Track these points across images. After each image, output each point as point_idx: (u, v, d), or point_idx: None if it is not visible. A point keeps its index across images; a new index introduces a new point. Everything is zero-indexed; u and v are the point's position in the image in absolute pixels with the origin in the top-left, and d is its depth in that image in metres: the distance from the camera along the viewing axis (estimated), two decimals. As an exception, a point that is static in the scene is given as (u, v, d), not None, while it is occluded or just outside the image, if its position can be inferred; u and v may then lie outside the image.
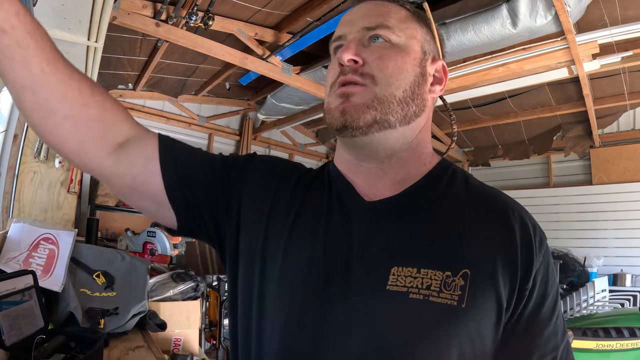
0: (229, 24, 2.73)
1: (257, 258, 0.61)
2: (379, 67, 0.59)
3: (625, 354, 2.41)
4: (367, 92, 0.59)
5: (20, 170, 2.19)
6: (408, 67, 0.61)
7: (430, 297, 0.52)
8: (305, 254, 0.59)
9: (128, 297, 1.95)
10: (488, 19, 2.25)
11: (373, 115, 0.58)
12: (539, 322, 0.57)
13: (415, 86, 0.61)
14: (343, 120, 0.58)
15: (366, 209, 0.61)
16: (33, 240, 1.87)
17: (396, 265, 0.55)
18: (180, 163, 0.64)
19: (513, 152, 4.86)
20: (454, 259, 0.55)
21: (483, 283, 0.54)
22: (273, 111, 4.23)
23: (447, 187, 0.63)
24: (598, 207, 4.26)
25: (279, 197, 0.65)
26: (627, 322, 2.51)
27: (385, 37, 0.61)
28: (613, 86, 3.52)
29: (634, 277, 3.92)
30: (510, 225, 0.58)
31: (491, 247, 0.56)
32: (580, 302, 3.36)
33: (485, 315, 0.54)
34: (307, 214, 0.62)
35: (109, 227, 3.87)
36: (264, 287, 0.60)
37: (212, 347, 3.44)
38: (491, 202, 0.61)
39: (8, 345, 1.22)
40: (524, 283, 0.55)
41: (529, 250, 0.57)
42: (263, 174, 0.68)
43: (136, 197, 0.65)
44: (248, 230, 0.64)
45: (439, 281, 0.53)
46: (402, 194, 0.62)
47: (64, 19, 1.53)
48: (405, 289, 0.53)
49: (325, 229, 0.60)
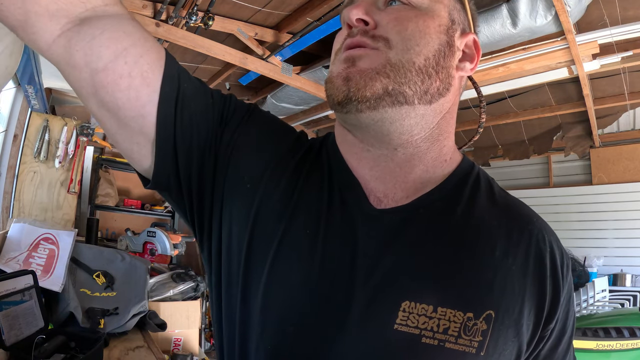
0: (229, 24, 2.73)
1: (240, 272, 0.50)
2: (396, 28, 0.47)
3: (625, 354, 2.41)
4: (379, 55, 0.47)
5: (20, 170, 2.19)
6: (432, 32, 0.48)
7: (447, 343, 0.43)
8: (297, 270, 0.47)
9: (128, 297, 1.95)
10: (488, 19, 2.26)
11: (384, 83, 0.45)
12: (555, 358, 0.52)
13: (440, 56, 0.49)
14: (346, 90, 0.46)
15: (375, 220, 0.49)
16: (33, 240, 1.87)
17: (408, 300, 0.44)
18: (183, 90, 0.49)
19: (513, 152, 4.85)
20: (479, 297, 0.45)
21: (507, 326, 0.45)
22: (273, 111, 4.22)
23: (471, 197, 0.52)
24: (598, 207, 4.26)
25: (272, 190, 0.51)
26: (627, 322, 2.51)
27: (405, 0, 0.49)
28: (613, 86, 3.52)
29: (634, 277, 3.91)
30: (542, 257, 0.49)
31: (521, 282, 0.47)
32: (580, 302, 3.36)
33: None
34: (302, 220, 0.50)
35: (109, 227, 3.87)
36: (247, 309, 0.48)
37: (212, 347, 3.44)
38: (522, 224, 0.51)
39: (8, 345, 1.22)
40: (548, 322, 0.49)
41: (557, 286, 0.49)
42: (257, 149, 0.54)
43: (95, 103, 0.47)
44: (231, 226, 0.51)
45: (459, 324, 0.44)
46: (420, 203, 0.50)
47: (64, 19, 1.53)
48: (417, 330, 0.43)
49: (323, 244, 0.48)
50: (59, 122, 2.33)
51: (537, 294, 0.48)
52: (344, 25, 0.51)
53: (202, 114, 0.51)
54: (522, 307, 0.47)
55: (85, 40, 0.44)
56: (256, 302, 0.48)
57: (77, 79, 0.46)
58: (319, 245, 0.48)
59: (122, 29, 0.46)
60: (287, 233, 0.49)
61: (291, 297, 0.47)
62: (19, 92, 2.12)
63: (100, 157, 3.70)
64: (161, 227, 3.08)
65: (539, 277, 0.48)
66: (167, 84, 0.47)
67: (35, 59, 1.59)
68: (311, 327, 0.46)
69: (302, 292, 0.47)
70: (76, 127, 2.38)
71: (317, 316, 0.46)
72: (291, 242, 0.49)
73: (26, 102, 2.15)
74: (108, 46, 0.44)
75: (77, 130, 2.38)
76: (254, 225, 0.50)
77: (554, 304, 0.49)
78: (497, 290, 0.46)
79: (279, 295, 0.47)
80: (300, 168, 0.54)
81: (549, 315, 0.49)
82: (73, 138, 2.35)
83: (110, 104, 0.46)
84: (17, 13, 0.43)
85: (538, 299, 0.48)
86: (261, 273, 0.48)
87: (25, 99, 2.11)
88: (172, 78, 0.48)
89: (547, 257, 0.50)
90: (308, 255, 0.48)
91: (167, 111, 0.48)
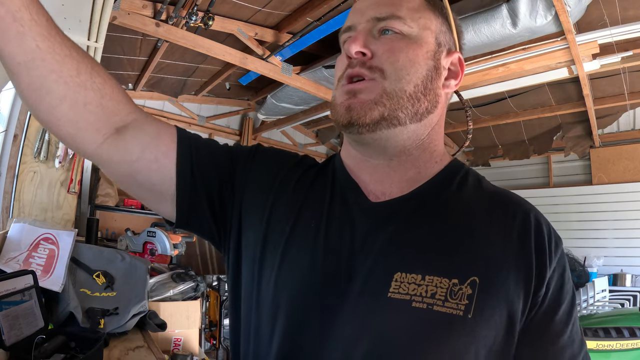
0: (229, 24, 2.73)
1: (257, 262, 0.59)
2: (389, 60, 0.56)
3: (625, 354, 2.41)
4: (376, 86, 0.56)
5: (20, 170, 2.19)
6: (420, 60, 0.57)
7: (435, 307, 0.49)
8: (305, 257, 0.56)
9: (128, 297, 1.95)
10: (488, 19, 2.25)
11: (381, 111, 0.55)
12: (553, 330, 0.53)
13: (427, 80, 0.58)
14: (349, 117, 0.55)
15: (371, 209, 0.58)
16: (33, 240, 1.87)
17: (399, 271, 0.52)
18: (197, 153, 0.62)
19: (513, 152, 4.86)
20: (462, 265, 0.51)
21: (493, 292, 0.50)
22: (273, 111, 4.23)
23: (458, 188, 0.59)
24: (598, 207, 4.26)
25: (280, 199, 0.62)
26: (627, 322, 2.51)
27: (397, 29, 0.57)
28: (613, 86, 3.52)
29: (634, 277, 3.92)
30: (526, 229, 0.55)
31: (504, 253, 0.53)
32: (580, 302, 3.36)
33: (495, 326, 0.50)
34: (308, 215, 0.59)
35: (109, 227, 3.87)
36: (263, 291, 0.57)
37: (212, 347, 3.44)
38: (505, 204, 0.58)
39: (8, 345, 1.22)
40: (538, 289, 0.52)
41: (543, 256, 0.53)
42: (265, 173, 0.65)
43: (135, 186, 0.62)
44: (248, 232, 0.62)
45: (445, 289, 0.50)
46: (411, 195, 0.58)
47: (64, 19, 1.54)
48: (407, 296, 0.50)
49: (326, 230, 0.57)
50: (59, 122, 2.32)
51: (523, 265, 0.53)
52: (344, 53, 0.59)
53: (213, 162, 0.64)
54: (508, 275, 0.52)
55: (121, 143, 0.58)
56: (269, 286, 0.56)
57: (117, 171, 0.61)
58: (322, 232, 0.57)
59: (144, 128, 0.60)
60: (295, 227, 0.59)
61: (300, 276, 0.55)
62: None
63: (100, 157, 3.70)
64: (161, 227, 3.07)
65: (523, 244, 0.54)
66: (181, 152, 0.61)
67: (35, 59, 1.59)
68: (317, 300, 0.53)
69: (308, 271, 0.55)
70: (76, 127, 2.38)
71: (321, 291, 0.54)
72: (298, 232, 0.58)
73: (26, 102, 2.15)
74: (137, 144, 0.59)
75: (77, 130, 2.38)
76: (267, 225, 0.60)
77: (542, 271, 0.53)
78: (480, 259, 0.52)
79: (288, 277, 0.56)
80: (305, 178, 0.64)
81: (538, 284, 0.52)
82: (73, 138, 2.35)
83: (146, 183, 0.61)
84: (70, 128, 0.55)
85: (525, 269, 0.52)
86: (274, 261, 0.57)
87: (25, 99, 2.11)
88: (184, 146, 0.62)
89: (531, 231, 0.55)
90: (313, 241, 0.57)
91: (185, 169, 0.61)
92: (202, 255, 4.48)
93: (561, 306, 0.54)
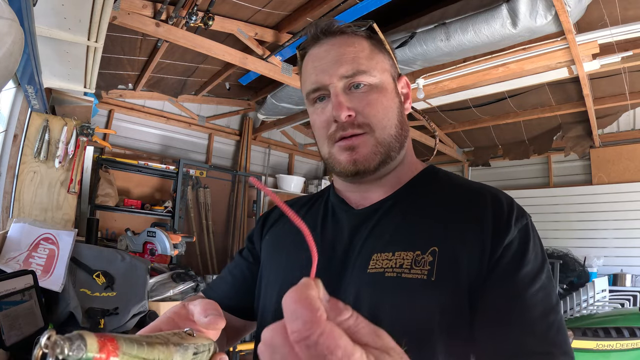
0: (229, 24, 2.73)
1: (262, 271, 0.76)
2: (371, 113, 0.65)
3: (625, 354, 2.41)
4: (369, 139, 0.66)
5: (20, 170, 2.19)
6: (391, 103, 0.68)
7: (403, 274, 0.59)
8: (304, 255, 0.66)
9: (128, 297, 1.95)
10: (488, 19, 2.25)
11: (380, 158, 0.66)
12: (507, 291, 0.55)
13: (399, 116, 0.69)
14: (355, 169, 0.66)
15: (355, 214, 0.70)
16: (33, 240, 1.87)
17: (376, 252, 0.63)
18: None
19: (513, 152, 4.85)
20: (425, 239, 0.61)
21: (451, 257, 0.58)
22: (273, 111, 4.23)
23: (429, 185, 0.70)
24: (598, 207, 4.25)
25: (278, 236, 0.78)
26: (627, 322, 2.51)
27: (365, 82, 0.66)
28: (613, 86, 3.52)
29: (634, 277, 3.91)
30: (482, 203, 0.63)
31: (460, 224, 0.61)
32: (580, 302, 3.36)
33: (457, 285, 0.57)
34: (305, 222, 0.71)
35: (109, 227, 3.87)
36: (272, 277, 0.72)
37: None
38: (469, 191, 0.66)
39: (8, 345, 1.22)
40: (494, 253, 0.58)
41: (499, 223, 0.60)
42: (267, 240, 0.80)
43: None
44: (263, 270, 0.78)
45: (410, 260, 0.59)
46: (387, 198, 0.70)
47: (64, 19, 1.53)
48: (381, 269, 0.61)
49: (321, 236, 0.69)
50: (59, 122, 2.32)
51: (477, 228, 0.60)
52: (325, 113, 0.68)
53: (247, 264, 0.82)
54: (462, 238, 0.59)
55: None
56: (278, 271, 0.72)
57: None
58: (318, 235, 0.70)
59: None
60: (293, 237, 0.72)
61: (301, 267, 0.66)
62: (19, 92, 2.12)
63: (100, 157, 3.70)
64: (161, 227, 3.07)
65: (478, 215, 0.61)
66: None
67: (35, 59, 1.59)
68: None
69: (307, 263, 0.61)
70: (76, 127, 2.38)
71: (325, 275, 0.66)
72: (296, 246, 0.70)
73: (26, 102, 2.15)
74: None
75: (77, 130, 2.38)
76: (272, 249, 0.77)
77: (499, 237, 0.59)
78: (441, 234, 0.61)
79: (289, 273, 0.69)
80: (304, 208, 0.80)
81: (495, 247, 0.58)
82: (73, 138, 2.35)
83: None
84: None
85: (479, 232, 0.59)
86: (277, 263, 0.73)
87: (25, 99, 2.11)
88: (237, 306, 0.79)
89: (488, 201, 0.62)
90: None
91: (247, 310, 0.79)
92: (202, 255, 4.48)
93: (521, 269, 0.57)
